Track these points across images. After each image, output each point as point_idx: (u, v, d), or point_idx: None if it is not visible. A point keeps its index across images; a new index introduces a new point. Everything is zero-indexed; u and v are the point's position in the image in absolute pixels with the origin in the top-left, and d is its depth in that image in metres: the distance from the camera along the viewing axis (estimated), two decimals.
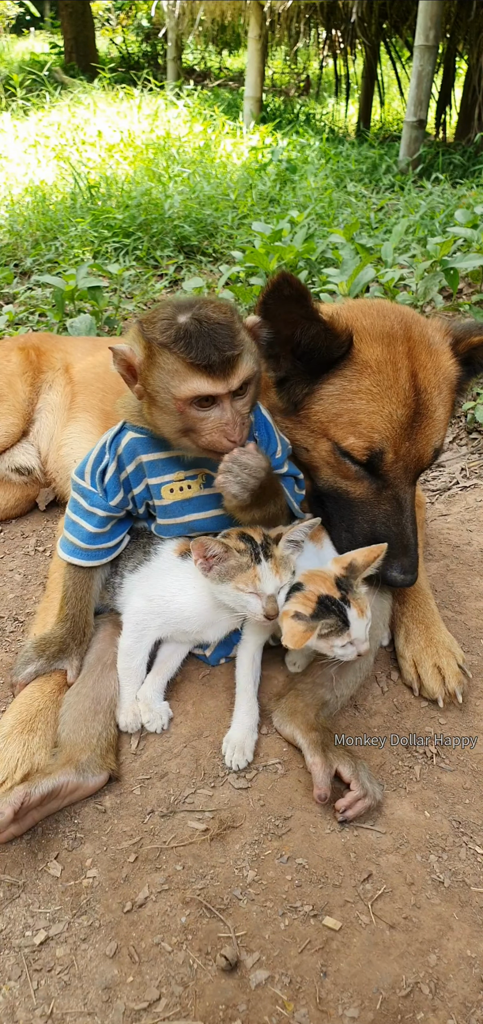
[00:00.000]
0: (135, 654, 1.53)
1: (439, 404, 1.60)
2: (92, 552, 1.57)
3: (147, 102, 9.13)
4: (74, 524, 1.57)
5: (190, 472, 1.53)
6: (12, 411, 2.31)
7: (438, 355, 1.64)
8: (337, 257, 4.03)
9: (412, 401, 1.56)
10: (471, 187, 6.06)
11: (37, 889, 1.23)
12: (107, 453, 1.56)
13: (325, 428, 1.61)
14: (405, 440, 1.56)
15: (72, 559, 1.57)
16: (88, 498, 1.56)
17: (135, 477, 1.55)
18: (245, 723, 1.47)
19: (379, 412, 1.54)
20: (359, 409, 1.55)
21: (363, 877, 1.24)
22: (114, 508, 1.56)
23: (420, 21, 6.67)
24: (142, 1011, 1.07)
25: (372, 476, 1.60)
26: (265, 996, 1.08)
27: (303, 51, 12.09)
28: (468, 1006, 1.08)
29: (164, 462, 1.52)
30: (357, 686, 1.58)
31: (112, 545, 1.60)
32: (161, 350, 1.31)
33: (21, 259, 4.88)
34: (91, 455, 1.59)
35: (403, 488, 1.60)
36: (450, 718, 1.56)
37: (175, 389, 1.31)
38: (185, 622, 1.50)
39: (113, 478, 1.55)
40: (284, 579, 1.40)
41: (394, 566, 1.56)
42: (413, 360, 1.58)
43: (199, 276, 4.53)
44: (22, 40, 15.47)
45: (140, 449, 1.52)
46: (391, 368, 1.55)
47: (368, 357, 1.56)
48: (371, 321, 1.61)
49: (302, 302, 1.48)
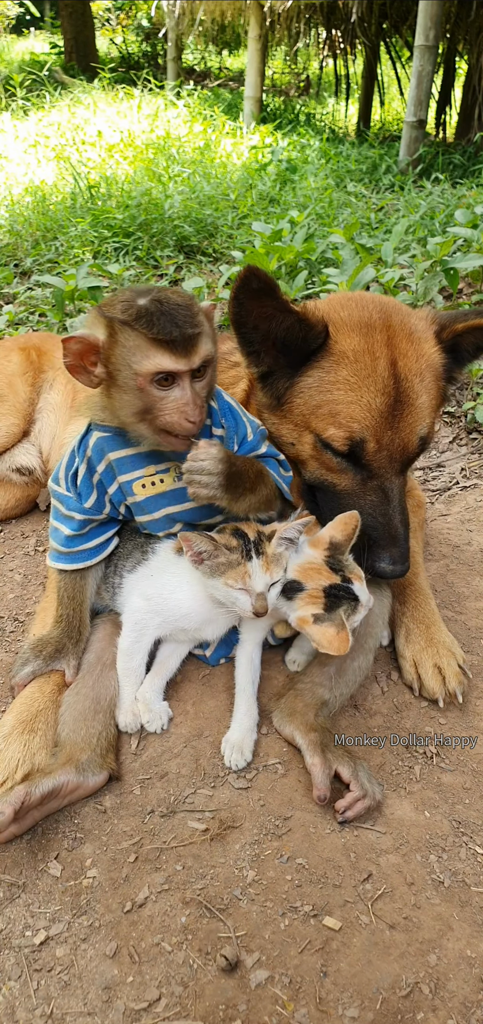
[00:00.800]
0: (134, 654, 1.53)
1: (422, 391, 1.59)
2: (73, 555, 1.58)
3: (147, 102, 9.13)
4: (54, 529, 1.60)
5: (161, 466, 1.52)
6: (13, 411, 2.31)
7: (420, 343, 1.63)
8: (337, 257, 4.03)
9: (392, 389, 1.55)
10: (471, 187, 6.06)
11: (37, 889, 1.23)
12: (77, 456, 1.56)
13: (307, 421, 1.61)
14: (387, 429, 1.56)
15: (57, 564, 1.59)
16: (64, 503, 1.58)
17: (107, 477, 1.54)
18: (244, 723, 1.47)
19: (357, 402, 1.54)
20: (338, 400, 1.55)
21: (363, 877, 1.24)
22: (90, 511, 1.56)
23: (420, 21, 6.67)
24: (142, 1011, 1.07)
25: (356, 467, 1.60)
26: (265, 996, 1.08)
27: (303, 51, 12.09)
28: (468, 1006, 1.08)
29: (133, 458, 1.52)
30: (357, 686, 1.58)
31: (93, 546, 1.60)
32: (123, 328, 1.31)
33: (21, 259, 4.88)
34: (63, 460, 1.60)
35: (389, 478, 1.59)
36: (450, 718, 1.56)
37: (137, 365, 1.31)
38: (183, 619, 1.50)
39: (84, 479, 1.55)
40: (275, 576, 1.40)
41: (383, 557, 1.55)
42: (392, 348, 1.57)
43: (199, 276, 4.53)
44: (22, 40, 15.47)
45: (107, 447, 1.52)
46: (369, 357, 1.55)
47: (345, 347, 1.57)
48: (349, 312, 1.61)
49: (272, 294, 1.48)
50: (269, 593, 1.39)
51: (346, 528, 1.48)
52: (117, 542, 1.65)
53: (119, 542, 1.65)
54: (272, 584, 1.40)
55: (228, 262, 4.89)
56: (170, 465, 1.52)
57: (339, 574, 1.42)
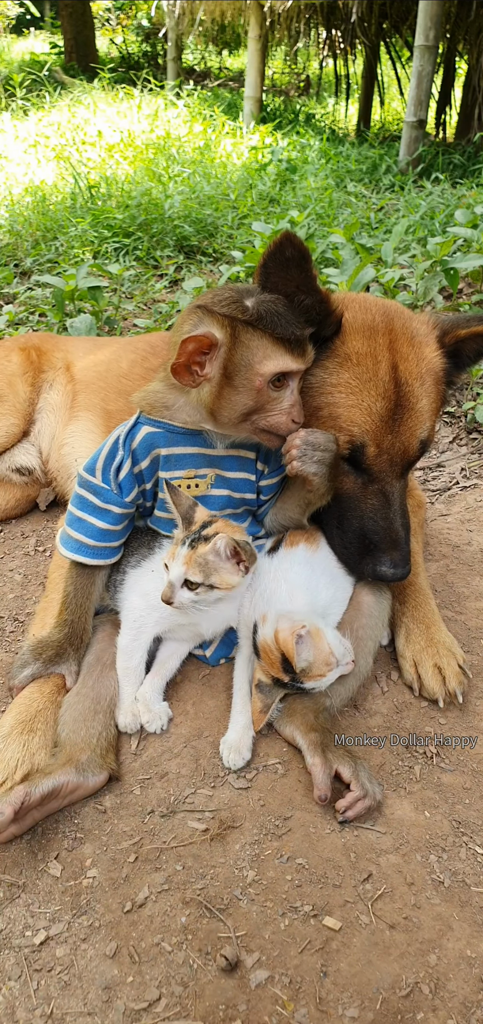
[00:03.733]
0: (133, 652, 1.53)
1: (422, 395, 1.59)
2: (100, 550, 1.56)
3: (147, 102, 9.14)
4: (81, 521, 1.56)
5: (201, 471, 1.53)
6: (13, 411, 2.31)
7: (422, 347, 1.62)
8: (337, 257, 4.03)
9: (392, 393, 1.55)
10: (471, 187, 6.06)
11: (37, 889, 1.23)
12: (121, 449, 1.54)
13: (308, 422, 1.61)
14: (387, 433, 1.55)
15: (77, 557, 1.55)
16: (100, 495, 1.55)
17: (148, 471, 1.55)
18: (240, 723, 1.46)
19: (358, 405, 1.54)
20: (338, 403, 1.55)
21: (363, 877, 1.24)
22: (129, 504, 1.56)
23: (420, 21, 6.68)
24: (142, 1011, 1.07)
25: (356, 470, 1.60)
26: (265, 996, 1.08)
27: (303, 51, 12.09)
28: (468, 1006, 1.08)
29: (179, 457, 1.53)
30: (356, 687, 1.58)
31: (118, 545, 1.60)
32: (245, 328, 1.33)
33: (21, 259, 4.88)
34: (103, 450, 1.57)
35: (389, 482, 1.59)
36: (450, 718, 1.56)
37: (259, 365, 1.33)
38: (178, 613, 1.49)
39: (128, 474, 1.54)
40: (192, 575, 1.36)
41: (384, 561, 1.55)
42: (394, 352, 1.57)
43: (199, 276, 4.53)
44: (22, 40, 15.47)
45: (158, 442, 1.52)
46: (371, 361, 1.55)
47: (349, 350, 1.56)
48: (353, 314, 1.61)
49: (303, 265, 1.44)
50: (181, 591, 1.37)
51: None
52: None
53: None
54: (189, 584, 1.37)
55: (228, 262, 4.89)
56: (208, 471, 1.54)
57: (290, 674, 1.40)
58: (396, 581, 1.59)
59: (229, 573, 1.39)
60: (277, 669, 1.39)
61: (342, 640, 1.44)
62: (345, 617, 1.60)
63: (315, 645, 1.37)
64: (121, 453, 1.54)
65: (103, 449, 1.57)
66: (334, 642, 1.40)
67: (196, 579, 1.37)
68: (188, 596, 1.38)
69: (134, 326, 3.87)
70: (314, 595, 1.52)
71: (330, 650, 1.38)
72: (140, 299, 4.27)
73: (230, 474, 1.56)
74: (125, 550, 1.64)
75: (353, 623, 1.59)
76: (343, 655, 1.41)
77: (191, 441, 1.52)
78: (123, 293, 4.40)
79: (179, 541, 1.41)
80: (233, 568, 1.39)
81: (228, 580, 1.39)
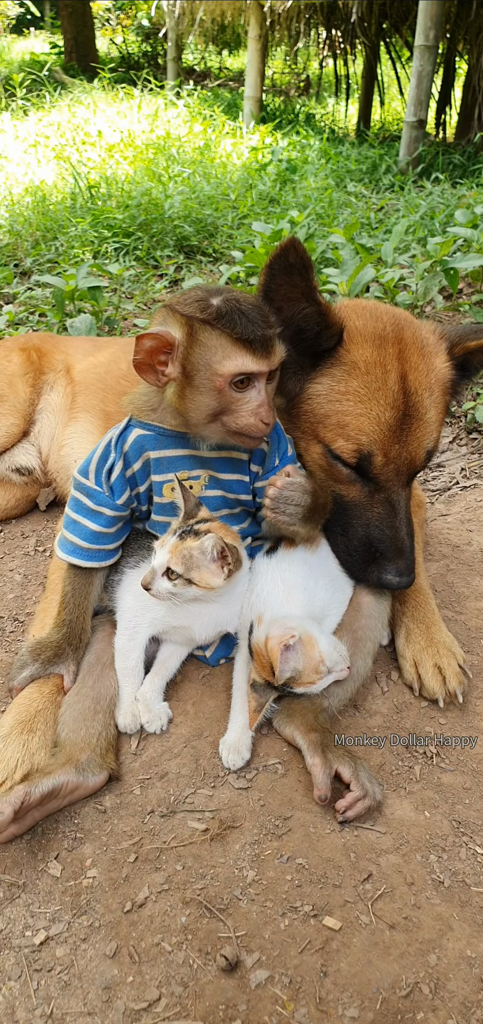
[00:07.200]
0: (130, 653, 1.53)
1: (430, 406, 1.59)
2: (94, 552, 1.56)
3: (147, 102, 9.13)
4: (76, 523, 1.56)
5: (194, 472, 1.53)
6: (13, 412, 2.31)
7: (431, 357, 1.62)
8: (337, 257, 4.03)
9: (401, 403, 1.55)
10: (471, 187, 6.06)
11: (37, 889, 1.23)
12: (113, 451, 1.54)
13: (315, 430, 1.60)
14: (395, 442, 1.55)
15: (72, 559, 1.56)
16: (93, 497, 1.55)
17: (141, 474, 1.55)
18: (240, 723, 1.46)
19: (366, 414, 1.53)
20: (347, 411, 1.54)
21: (363, 877, 1.24)
22: (121, 507, 1.56)
23: (420, 21, 6.68)
24: (142, 1011, 1.07)
25: (363, 479, 1.59)
26: (265, 996, 1.08)
27: (303, 51, 12.09)
28: (468, 1006, 1.08)
29: (171, 460, 1.52)
30: (356, 687, 1.58)
31: (113, 547, 1.59)
32: (203, 327, 1.31)
33: (21, 259, 4.88)
34: (95, 453, 1.58)
35: (396, 490, 1.59)
36: (450, 718, 1.56)
37: (218, 365, 1.31)
38: (170, 615, 1.50)
39: (120, 476, 1.54)
40: (174, 566, 1.36)
41: (389, 569, 1.56)
42: (403, 362, 1.57)
43: (199, 276, 4.53)
44: (22, 40, 15.47)
45: (148, 445, 1.52)
46: (380, 370, 1.54)
47: (357, 358, 1.56)
48: (363, 322, 1.60)
49: (304, 274, 1.45)
50: (161, 579, 1.37)
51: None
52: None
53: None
54: (170, 575, 1.37)
55: (228, 262, 4.89)
56: (201, 473, 1.53)
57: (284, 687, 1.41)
58: (401, 588, 1.60)
59: (211, 573, 1.39)
60: (268, 673, 1.39)
61: (337, 646, 1.43)
62: (345, 617, 1.60)
63: (305, 653, 1.37)
64: (113, 455, 1.54)
65: (96, 451, 1.58)
66: (327, 650, 1.39)
67: (177, 569, 1.36)
68: (166, 586, 1.38)
69: (134, 326, 3.87)
70: (311, 596, 1.52)
71: (321, 658, 1.38)
72: (140, 299, 4.27)
73: (223, 476, 1.55)
74: (124, 551, 1.64)
75: (352, 623, 1.59)
76: (336, 662, 1.40)
77: (180, 443, 1.51)
78: (123, 293, 4.40)
79: (172, 531, 1.41)
80: (216, 569, 1.38)
81: (208, 580, 1.38)
